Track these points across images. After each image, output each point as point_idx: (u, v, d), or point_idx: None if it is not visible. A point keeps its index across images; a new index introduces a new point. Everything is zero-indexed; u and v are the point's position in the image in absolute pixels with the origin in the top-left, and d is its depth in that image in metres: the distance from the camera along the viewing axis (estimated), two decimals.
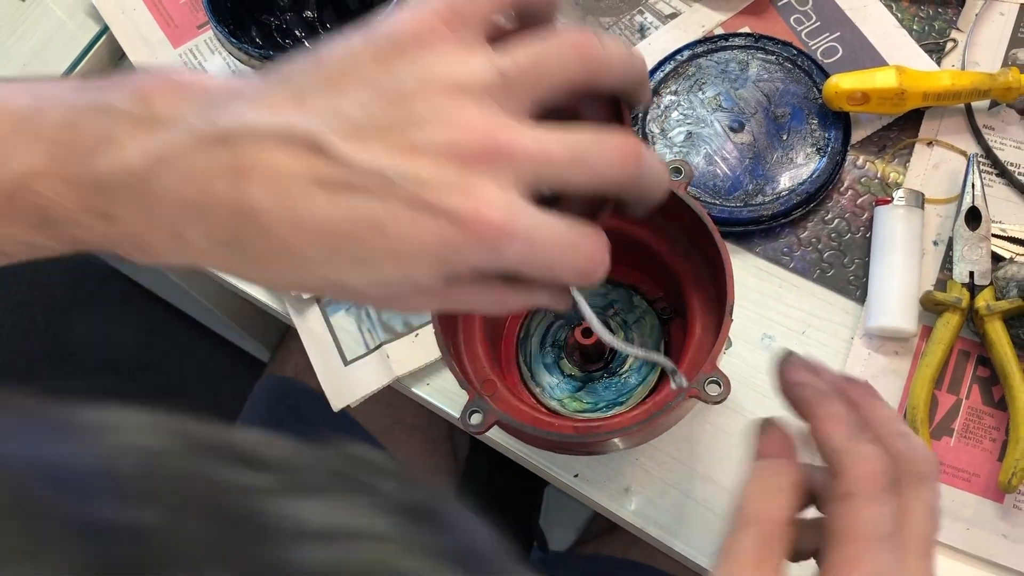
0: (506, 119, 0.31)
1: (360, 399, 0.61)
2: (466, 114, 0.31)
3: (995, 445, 0.56)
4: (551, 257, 0.31)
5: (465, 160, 0.30)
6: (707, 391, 0.46)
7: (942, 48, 0.66)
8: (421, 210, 0.30)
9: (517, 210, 0.30)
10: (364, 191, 0.30)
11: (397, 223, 0.30)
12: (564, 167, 0.31)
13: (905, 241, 0.59)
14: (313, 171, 0.30)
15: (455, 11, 0.32)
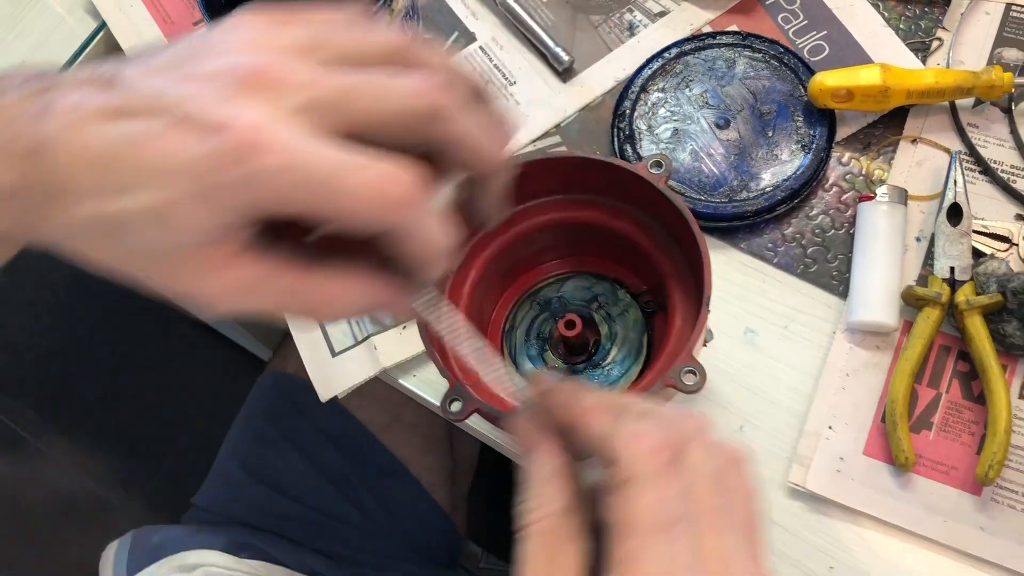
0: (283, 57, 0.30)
1: (347, 390, 0.62)
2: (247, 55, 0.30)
3: (974, 439, 0.56)
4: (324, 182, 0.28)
5: (238, 83, 0.29)
6: (683, 381, 0.47)
7: (928, 47, 0.66)
8: (181, 125, 0.29)
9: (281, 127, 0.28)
10: (136, 114, 0.30)
11: (155, 138, 0.29)
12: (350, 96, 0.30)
13: (888, 237, 0.59)
14: (101, 103, 0.30)
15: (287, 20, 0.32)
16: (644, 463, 0.32)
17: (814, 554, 0.55)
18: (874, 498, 0.55)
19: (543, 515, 0.33)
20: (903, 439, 0.55)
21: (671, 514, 0.31)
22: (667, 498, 0.31)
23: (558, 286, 0.60)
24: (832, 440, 0.57)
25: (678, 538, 0.31)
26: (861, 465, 0.56)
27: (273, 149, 0.28)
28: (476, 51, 0.70)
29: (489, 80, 0.41)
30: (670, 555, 0.30)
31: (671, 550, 0.30)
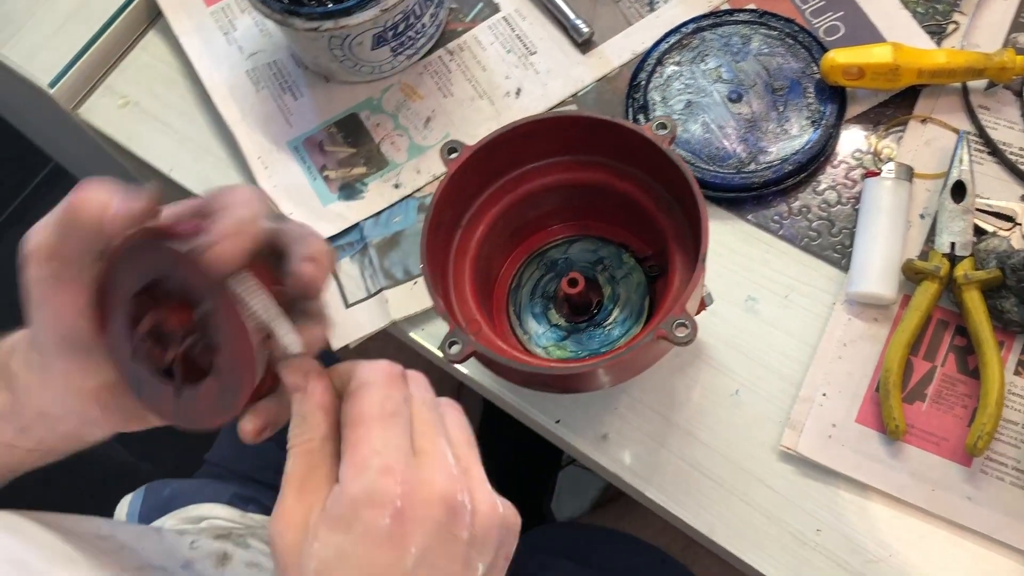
0: None
1: (359, 339, 0.64)
2: None
3: (966, 412, 0.57)
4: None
5: None
6: (675, 332, 0.48)
7: (944, 30, 0.67)
8: None
9: None
10: None
11: None
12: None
13: (891, 212, 0.60)
14: None
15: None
16: (375, 374, 0.39)
17: (802, 517, 0.57)
18: (864, 464, 0.56)
19: (307, 439, 0.39)
20: (895, 408, 0.56)
21: (392, 408, 0.38)
22: (390, 397, 0.38)
23: (565, 248, 0.61)
24: (825, 407, 0.58)
25: (396, 425, 0.38)
26: (853, 432, 0.57)
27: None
28: (499, 21, 0.72)
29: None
30: (387, 437, 0.37)
31: (389, 433, 0.37)
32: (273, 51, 0.74)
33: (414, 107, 0.70)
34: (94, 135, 0.77)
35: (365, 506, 0.36)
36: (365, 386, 0.39)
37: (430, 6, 0.68)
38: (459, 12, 0.73)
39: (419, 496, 0.36)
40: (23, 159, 1.77)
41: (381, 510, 0.35)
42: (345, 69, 0.69)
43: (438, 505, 0.36)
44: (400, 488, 0.36)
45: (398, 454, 0.37)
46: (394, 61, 0.70)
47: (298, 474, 0.38)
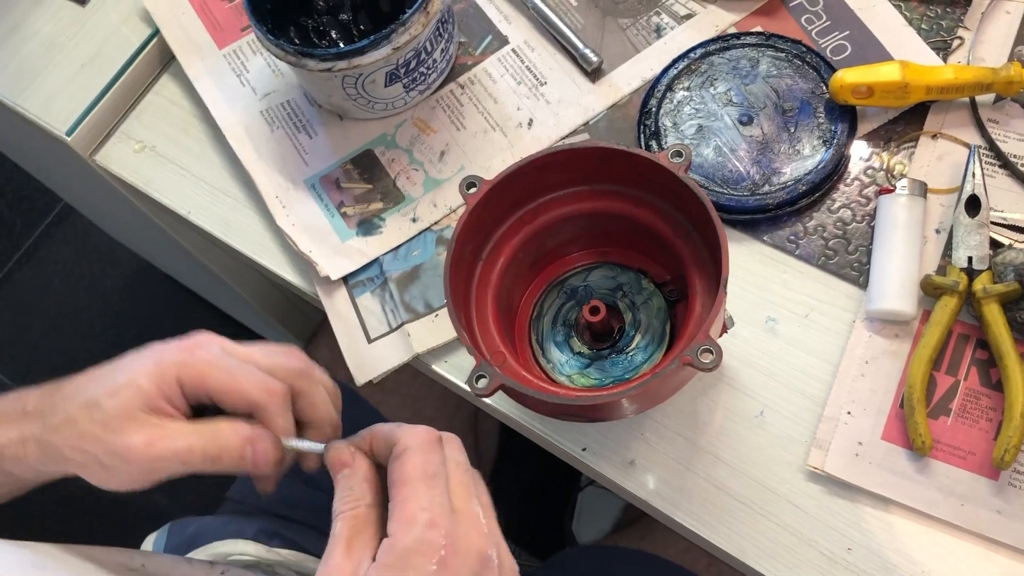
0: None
1: (382, 374, 0.65)
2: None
3: (991, 425, 0.57)
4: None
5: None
6: (700, 359, 0.48)
7: (949, 46, 0.68)
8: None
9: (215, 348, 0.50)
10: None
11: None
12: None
13: (907, 228, 0.61)
14: None
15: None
16: (415, 439, 0.45)
17: (833, 536, 0.57)
18: (892, 481, 0.57)
19: (353, 506, 0.44)
20: (920, 423, 0.56)
21: (433, 470, 0.44)
22: (431, 460, 0.44)
23: (584, 275, 0.62)
24: (851, 425, 0.58)
25: (438, 485, 0.43)
26: (879, 449, 0.57)
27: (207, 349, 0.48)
28: (509, 53, 0.73)
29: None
30: (431, 495, 0.42)
31: (433, 492, 0.43)
32: (286, 91, 0.75)
33: (428, 141, 0.71)
34: (111, 180, 0.78)
35: (415, 555, 0.41)
36: (409, 450, 0.44)
37: (440, 42, 0.69)
38: (468, 46, 0.74)
39: (460, 548, 0.42)
40: (33, 200, 1.78)
41: (429, 558, 0.41)
42: (359, 107, 0.70)
43: (475, 557, 0.42)
44: (444, 540, 0.41)
45: (441, 511, 0.42)
46: (407, 97, 0.70)
47: (345, 535, 0.43)
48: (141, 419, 0.47)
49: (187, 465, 0.48)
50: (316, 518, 0.82)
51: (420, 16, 0.64)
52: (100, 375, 0.50)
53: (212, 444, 0.48)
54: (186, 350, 0.49)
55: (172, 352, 0.49)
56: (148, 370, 0.48)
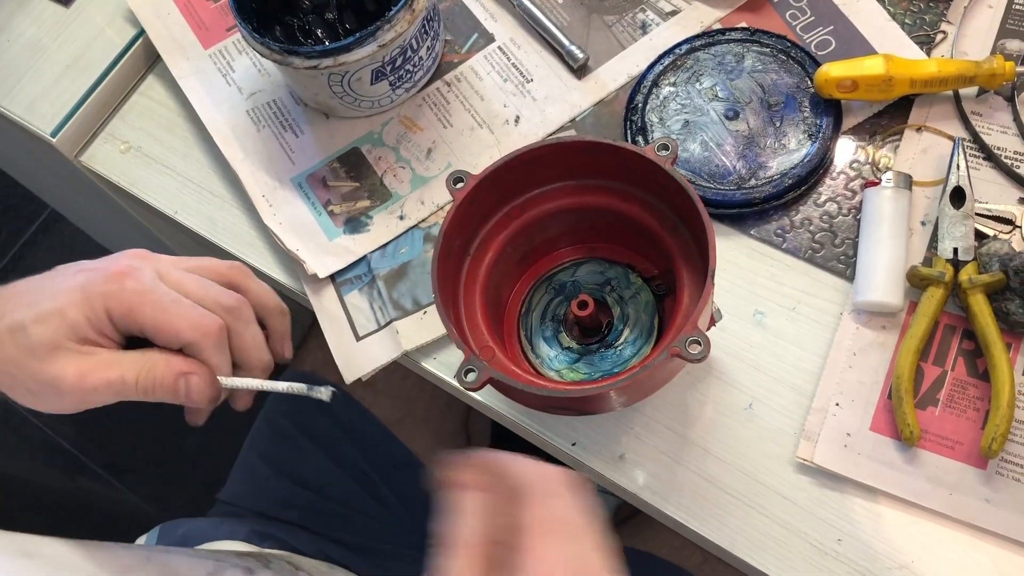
0: None
1: (371, 372, 0.65)
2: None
3: (978, 415, 0.57)
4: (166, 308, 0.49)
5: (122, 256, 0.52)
6: (688, 350, 0.48)
7: (932, 40, 0.68)
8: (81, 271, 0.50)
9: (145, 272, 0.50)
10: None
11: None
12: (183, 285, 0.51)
13: (893, 220, 0.61)
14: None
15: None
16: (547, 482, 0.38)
17: (822, 527, 0.57)
18: (881, 472, 0.57)
19: (474, 542, 0.37)
20: (908, 414, 0.56)
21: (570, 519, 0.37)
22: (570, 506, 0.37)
23: (572, 271, 0.62)
24: (839, 416, 0.58)
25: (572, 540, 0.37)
26: (868, 440, 0.57)
27: (138, 280, 0.46)
28: (495, 51, 0.73)
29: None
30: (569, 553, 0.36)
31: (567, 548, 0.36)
32: (272, 90, 0.75)
33: (415, 139, 0.71)
34: (97, 182, 0.78)
35: None
36: (548, 496, 0.38)
37: (426, 39, 0.69)
38: (454, 44, 0.74)
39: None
40: (19, 208, 1.77)
41: None
42: (345, 105, 0.70)
43: None
44: None
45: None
46: (393, 95, 0.70)
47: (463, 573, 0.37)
48: (70, 349, 0.46)
49: (120, 396, 0.47)
50: (308, 519, 0.82)
51: (406, 14, 0.64)
52: (27, 292, 0.48)
53: (146, 376, 0.47)
54: (114, 279, 0.47)
55: (100, 281, 0.47)
56: (75, 299, 0.46)
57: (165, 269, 0.48)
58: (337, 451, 0.84)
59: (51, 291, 0.47)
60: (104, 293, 0.46)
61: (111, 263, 0.47)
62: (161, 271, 0.48)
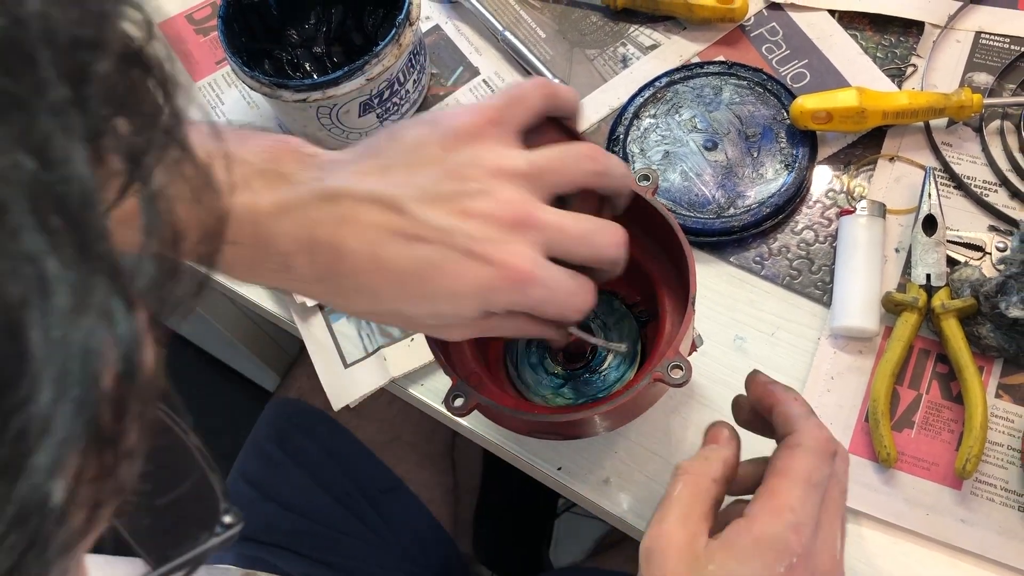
0: (533, 198, 0.42)
1: (359, 398, 0.66)
2: (505, 191, 0.41)
3: (953, 436, 0.59)
4: (561, 300, 0.42)
5: (504, 224, 0.41)
6: (670, 375, 0.50)
7: (903, 73, 0.70)
8: (471, 257, 0.40)
9: (540, 264, 0.41)
10: (429, 241, 0.40)
11: (454, 265, 0.40)
12: (573, 241, 0.42)
13: (867, 248, 0.63)
14: (393, 225, 0.40)
15: (500, 114, 0.43)
16: (816, 442, 0.44)
17: None
18: (859, 493, 0.58)
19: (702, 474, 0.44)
20: (885, 436, 0.58)
21: (818, 479, 0.43)
22: (820, 469, 0.43)
23: None
24: None
25: (813, 494, 0.42)
26: None
27: (538, 282, 0.41)
28: (480, 84, 0.75)
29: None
30: (805, 500, 0.42)
31: (806, 497, 0.42)
32: (261, 122, 0.76)
33: None
34: None
35: (769, 549, 0.40)
36: (803, 448, 0.44)
37: (413, 73, 0.70)
38: (440, 77, 0.76)
39: (811, 565, 0.41)
40: None
41: (781, 558, 0.40)
42: (333, 137, 0.71)
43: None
44: (800, 549, 0.40)
45: (809, 520, 0.41)
46: (380, 127, 0.72)
47: (685, 500, 0.43)
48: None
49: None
50: (296, 542, 0.82)
51: (393, 48, 0.66)
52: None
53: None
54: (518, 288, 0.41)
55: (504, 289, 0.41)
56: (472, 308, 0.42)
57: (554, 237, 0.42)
58: (323, 475, 0.85)
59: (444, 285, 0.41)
60: (508, 303, 0.41)
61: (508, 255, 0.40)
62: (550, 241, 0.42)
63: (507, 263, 0.40)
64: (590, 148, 0.44)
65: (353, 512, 0.84)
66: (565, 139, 0.47)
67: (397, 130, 0.43)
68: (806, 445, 0.44)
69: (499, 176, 0.42)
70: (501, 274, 0.40)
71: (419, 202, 0.41)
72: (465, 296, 0.41)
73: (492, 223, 0.41)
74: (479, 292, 0.41)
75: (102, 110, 0.20)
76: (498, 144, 0.43)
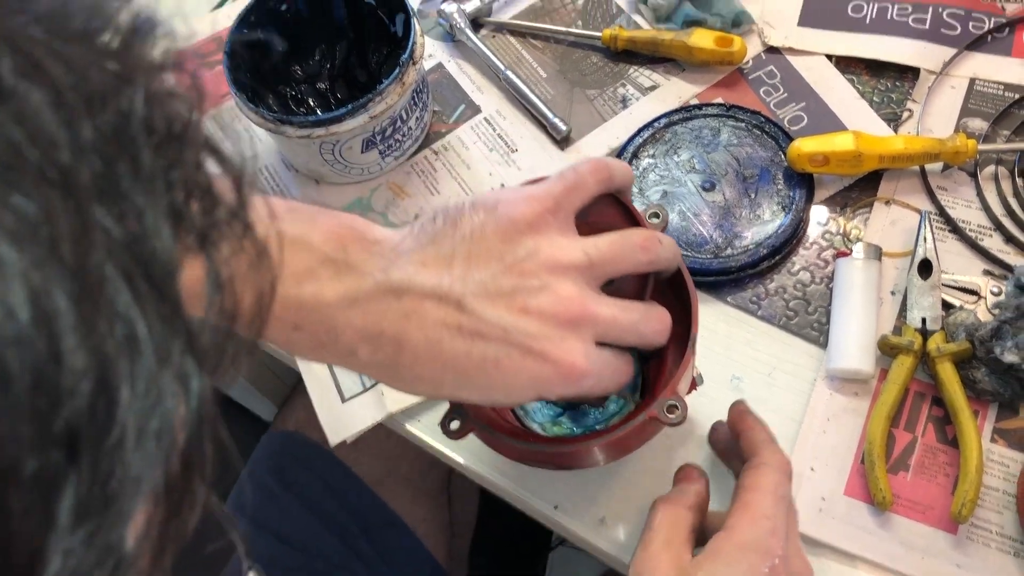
0: (589, 292, 0.44)
1: (355, 434, 0.66)
2: (563, 287, 0.43)
3: (948, 480, 0.59)
4: (607, 383, 0.46)
5: (561, 322, 0.43)
6: (666, 414, 0.50)
7: (899, 117, 0.71)
8: (529, 355, 0.42)
9: (593, 358, 0.44)
10: (489, 338, 0.42)
11: (512, 362, 0.42)
12: (623, 331, 0.45)
13: (863, 290, 0.63)
14: (455, 321, 0.42)
15: (558, 203, 0.45)
16: (779, 462, 0.50)
17: None
18: (855, 536, 0.58)
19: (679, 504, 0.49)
20: (881, 479, 0.58)
21: (783, 493, 0.48)
22: (784, 484, 0.49)
23: None
24: (814, 481, 0.60)
25: (782, 504, 0.47)
26: (842, 504, 0.59)
27: (590, 375, 0.43)
28: (481, 122, 0.76)
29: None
30: (775, 509, 0.47)
31: (777, 507, 0.47)
32: (264, 156, 0.77)
33: (403, 205, 0.73)
34: None
35: (752, 552, 0.45)
36: (768, 466, 0.49)
37: (415, 110, 0.71)
38: (442, 114, 0.77)
39: (789, 566, 0.45)
40: None
41: (764, 559, 0.45)
42: (335, 172, 0.72)
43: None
44: (780, 552, 0.45)
45: (782, 528, 0.46)
46: (382, 163, 0.73)
47: (666, 527, 0.48)
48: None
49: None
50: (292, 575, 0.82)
51: (396, 86, 0.67)
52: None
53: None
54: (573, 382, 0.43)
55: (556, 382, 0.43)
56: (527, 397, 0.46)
57: (607, 330, 0.44)
58: (320, 508, 0.85)
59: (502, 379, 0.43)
60: (561, 394, 0.44)
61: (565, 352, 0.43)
62: (603, 334, 0.44)
63: (563, 361, 0.43)
64: (644, 238, 0.47)
65: (349, 546, 0.83)
66: (618, 214, 0.50)
67: (457, 215, 0.45)
68: (770, 464, 0.49)
69: (557, 271, 0.43)
70: (557, 370, 0.43)
71: (480, 298, 0.43)
72: (521, 388, 0.44)
73: (550, 321, 0.43)
74: (534, 386, 0.43)
75: (183, 191, 0.22)
76: (556, 234, 0.44)
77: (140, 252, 0.21)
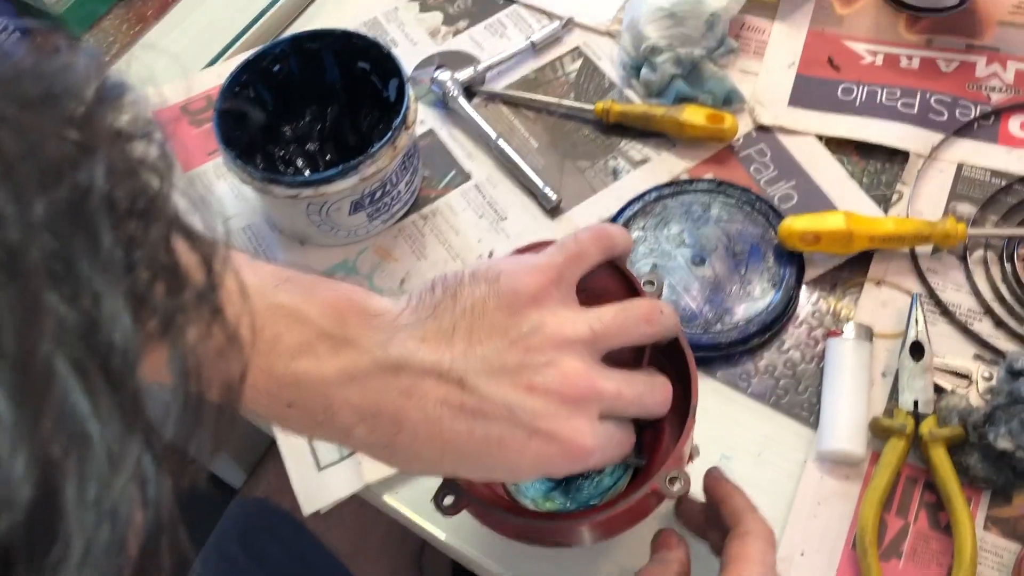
0: (595, 367, 0.43)
1: (331, 504, 0.63)
2: (568, 363, 0.42)
3: (942, 570, 0.57)
4: (611, 456, 0.45)
5: (567, 399, 0.42)
6: (668, 486, 0.49)
7: (889, 199, 0.72)
8: (534, 434, 0.41)
9: (598, 434, 0.43)
10: (493, 418, 0.41)
11: (514, 442, 0.41)
12: (628, 405, 0.44)
13: (854, 371, 0.62)
14: (456, 400, 0.41)
15: (560, 274, 0.44)
16: (763, 531, 0.49)
17: None
18: None
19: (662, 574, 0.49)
20: (873, 566, 0.56)
21: (770, 561, 0.47)
22: (770, 552, 0.48)
23: None
24: (804, 566, 0.58)
25: (770, 574, 0.47)
26: None
27: (595, 453, 0.43)
28: (471, 188, 0.75)
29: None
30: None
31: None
32: (249, 215, 0.76)
33: (389, 269, 0.72)
34: None
35: None
36: (753, 535, 0.48)
37: (405, 174, 0.71)
38: (432, 179, 0.76)
39: None
40: None
41: None
42: (321, 233, 0.71)
43: None
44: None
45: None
46: (369, 226, 0.72)
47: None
48: None
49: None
50: None
51: (388, 150, 0.66)
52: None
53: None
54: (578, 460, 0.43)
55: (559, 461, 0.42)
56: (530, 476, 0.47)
57: (612, 404, 0.44)
58: None
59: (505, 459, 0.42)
60: (565, 472, 0.44)
61: (571, 431, 0.42)
62: (608, 409, 0.44)
63: (571, 440, 0.42)
64: (648, 310, 0.46)
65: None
66: (616, 280, 0.50)
67: (456, 286, 0.43)
68: (756, 532, 0.48)
69: (562, 347, 0.42)
70: (564, 450, 0.42)
71: (482, 375, 0.41)
72: (525, 468, 0.42)
73: (556, 399, 0.41)
74: (539, 465, 0.42)
75: (148, 272, 0.21)
76: (559, 306, 0.44)
77: (95, 341, 0.19)
